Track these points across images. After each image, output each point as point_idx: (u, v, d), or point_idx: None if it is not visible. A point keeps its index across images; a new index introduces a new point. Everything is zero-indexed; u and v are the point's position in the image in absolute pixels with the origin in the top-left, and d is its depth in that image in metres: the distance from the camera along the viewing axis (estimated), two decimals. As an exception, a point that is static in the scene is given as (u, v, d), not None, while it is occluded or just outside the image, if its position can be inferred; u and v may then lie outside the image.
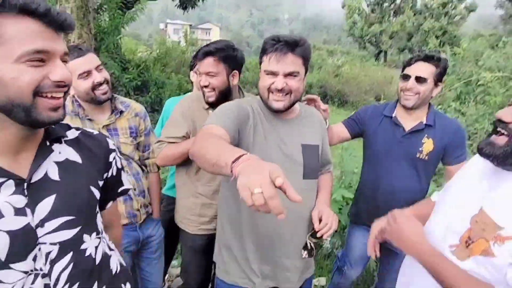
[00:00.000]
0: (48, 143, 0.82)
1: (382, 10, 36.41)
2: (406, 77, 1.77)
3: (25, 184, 0.74)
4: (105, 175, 0.95)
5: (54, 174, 0.80)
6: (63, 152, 0.84)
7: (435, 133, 1.78)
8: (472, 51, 5.17)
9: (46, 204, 0.77)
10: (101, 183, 0.92)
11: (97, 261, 0.88)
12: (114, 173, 0.99)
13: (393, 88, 17.84)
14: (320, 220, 1.33)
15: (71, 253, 0.81)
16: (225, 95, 1.66)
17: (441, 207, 1.18)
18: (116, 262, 0.99)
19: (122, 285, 0.99)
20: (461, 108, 4.39)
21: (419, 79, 1.72)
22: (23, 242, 0.73)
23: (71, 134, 0.89)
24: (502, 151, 0.92)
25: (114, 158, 0.98)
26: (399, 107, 1.86)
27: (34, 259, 0.75)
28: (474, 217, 1.00)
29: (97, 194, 0.89)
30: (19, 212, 0.73)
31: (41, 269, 0.76)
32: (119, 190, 1.05)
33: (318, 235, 1.32)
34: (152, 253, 1.82)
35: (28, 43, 0.67)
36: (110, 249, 0.98)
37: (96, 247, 0.88)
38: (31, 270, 0.75)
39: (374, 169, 1.91)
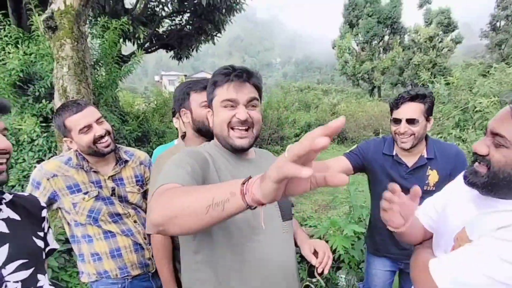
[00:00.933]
0: None
1: (372, 48, 38.06)
2: (397, 121, 1.76)
3: None
4: (43, 226, 1.12)
5: (4, 228, 0.99)
6: (4, 211, 1.02)
7: (438, 163, 1.78)
8: (465, 80, 5.30)
9: (3, 251, 0.95)
10: (41, 234, 1.10)
11: None
12: (46, 229, 1.14)
13: (391, 121, 18.22)
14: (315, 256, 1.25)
15: None
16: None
17: (439, 232, 1.17)
18: None
19: None
20: (461, 135, 4.39)
21: (411, 121, 1.71)
22: None
23: (7, 197, 1.06)
24: (485, 181, 0.94)
25: (46, 214, 1.16)
26: (397, 146, 1.85)
27: None
28: (456, 234, 1.04)
29: (40, 243, 1.07)
30: None
31: None
32: (46, 250, 1.15)
33: (319, 270, 1.21)
34: None
35: None
36: None
37: (50, 285, 1.07)
38: None
39: None
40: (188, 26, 9.06)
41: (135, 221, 1.69)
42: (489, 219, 0.93)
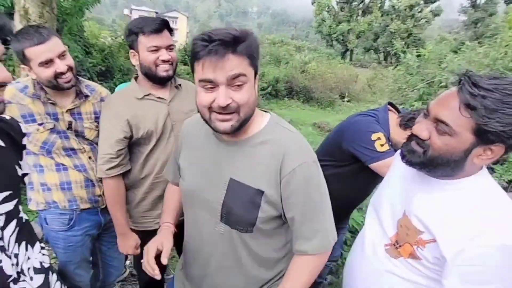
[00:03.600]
0: None
1: (351, 9, 37.48)
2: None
3: None
4: (22, 154, 1.10)
5: None
6: None
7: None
8: (436, 54, 5.45)
9: None
10: (21, 162, 1.07)
11: (26, 225, 1.06)
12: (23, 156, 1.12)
13: (358, 87, 18.49)
14: None
15: (14, 221, 0.97)
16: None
17: (376, 204, 1.20)
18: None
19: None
20: (423, 107, 4.62)
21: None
22: None
23: None
24: (421, 161, 0.94)
25: (26, 141, 1.13)
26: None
27: None
28: (399, 221, 1.04)
29: (19, 172, 1.04)
30: None
31: None
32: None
33: None
34: (114, 237, 1.74)
35: None
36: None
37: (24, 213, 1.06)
38: None
39: None
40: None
41: (89, 157, 1.66)
42: (443, 205, 0.94)
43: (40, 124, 1.51)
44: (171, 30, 1.57)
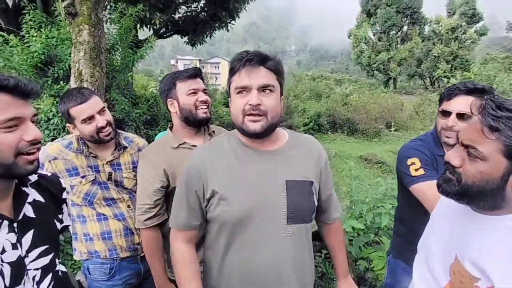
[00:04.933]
0: (20, 188, 0.97)
1: (389, 38, 37.06)
2: (445, 114, 1.57)
3: (15, 224, 0.90)
4: (63, 208, 1.12)
5: (30, 213, 0.96)
6: (30, 194, 0.99)
7: None
8: (484, 75, 5.15)
9: (28, 238, 0.92)
10: (61, 216, 1.10)
11: (61, 279, 1.06)
12: (63, 210, 1.14)
13: (405, 115, 17.74)
14: None
15: (50, 275, 0.98)
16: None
17: (424, 249, 1.10)
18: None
19: None
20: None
21: (461, 116, 1.51)
22: (18, 270, 0.88)
23: (32, 178, 1.03)
24: (456, 190, 0.87)
25: (66, 196, 1.16)
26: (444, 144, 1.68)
27: (24, 283, 0.90)
28: (451, 266, 0.94)
29: (58, 226, 1.08)
30: (14, 246, 0.88)
31: None
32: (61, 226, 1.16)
33: None
34: (154, 286, 1.78)
35: (4, 113, 0.81)
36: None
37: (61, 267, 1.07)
38: None
39: None
40: (203, 13, 9.05)
41: (128, 206, 1.73)
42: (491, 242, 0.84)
43: (83, 177, 1.64)
44: (202, 78, 1.69)
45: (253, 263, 1.15)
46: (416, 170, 1.55)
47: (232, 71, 1.14)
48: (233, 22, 9.21)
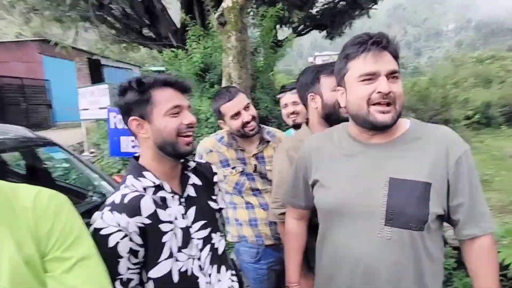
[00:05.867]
0: (184, 172, 1.19)
1: None
2: None
3: (182, 199, 1.12)
4: (215, 190, 1.29)
5: (192, 192, 1.17)
6: (191, 177, 1.19)
7: None
8: None
9: (191, 213, 1.12)
10: (214, 197, 1.26)
11: (219, 252, 1.20)
12: (217, 192, 1.31)
13: None
14: None
15: (208, 245, 1.15)
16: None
17: None
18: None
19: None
20: None
21: None
22: (186, 236, 1.08)
23: (191, 164, 1.22)
24: None
25: (217, 179, 1.32)
26: None
27: (191, 248, 1.09)
28: None
29: (214, 205, 1.23)
30: (184, 217, 1.09)
31: (195, 255, 1.10)
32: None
33: None
34: None
35: (170, 103, 1.04)
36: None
37: (219, 242, 1.21)
38: (190, 255, 1.08)
39: None
40: (341, 2, 8.79)
41: None
42: None
43: (233, 168, 1.84)
44: None
45: (342, 254, 1.12)
46: None
47: (348, 57, 1.06)
48: (375, 7, 8.59)
